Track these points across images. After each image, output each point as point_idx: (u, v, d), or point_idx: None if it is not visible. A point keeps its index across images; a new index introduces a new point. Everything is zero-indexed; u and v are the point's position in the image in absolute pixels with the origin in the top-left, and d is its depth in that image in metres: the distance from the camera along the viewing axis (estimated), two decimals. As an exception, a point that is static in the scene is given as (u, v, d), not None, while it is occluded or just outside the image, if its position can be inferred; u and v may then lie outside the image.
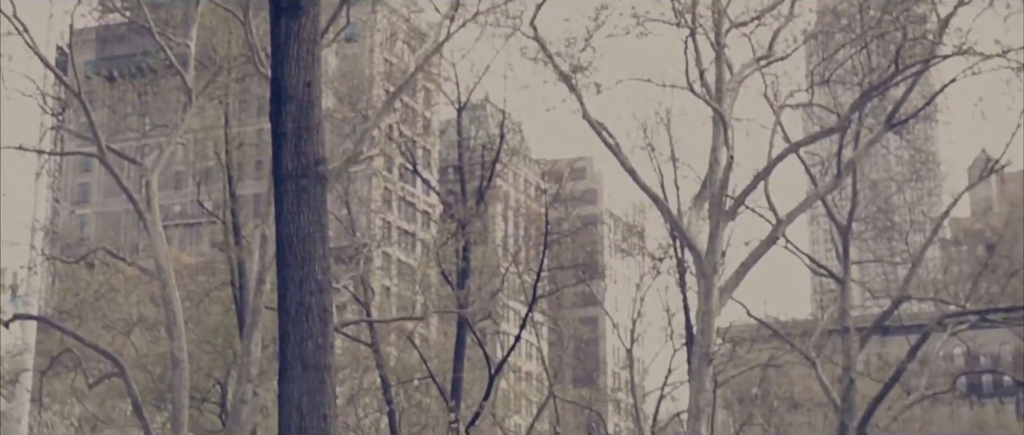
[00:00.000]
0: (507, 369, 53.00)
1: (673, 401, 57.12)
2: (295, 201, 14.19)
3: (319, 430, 16.72)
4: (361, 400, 48.26)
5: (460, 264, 40.91)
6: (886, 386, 41.08)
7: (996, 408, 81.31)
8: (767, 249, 32.89)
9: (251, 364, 30.94)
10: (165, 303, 31.66)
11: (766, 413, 57.24)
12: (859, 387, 41.58)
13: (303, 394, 16.56)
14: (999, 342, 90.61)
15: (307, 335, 15.15)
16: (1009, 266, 43.14)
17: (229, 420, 33.29)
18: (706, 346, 32.24)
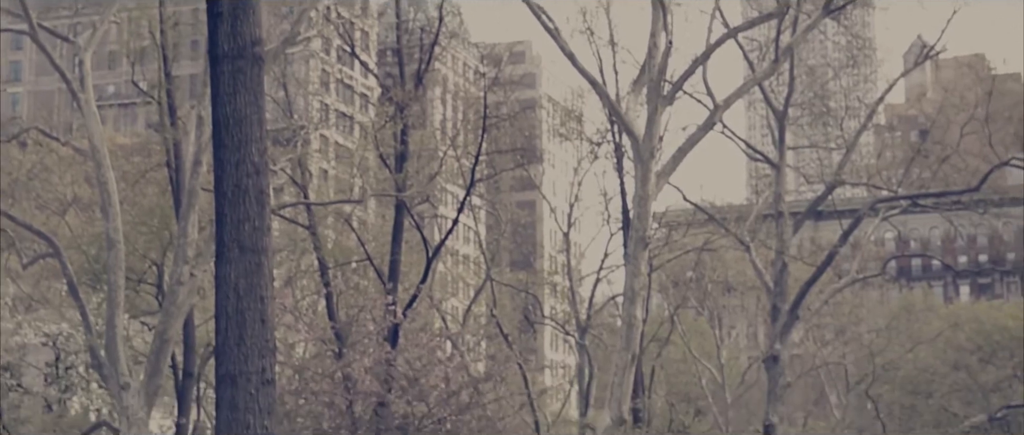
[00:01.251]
0: (444, 252, 53.24)
1: (609, 284, 57.82)
2: (231, 82, 14.08)
3: (256, 311, 16.77)
4: (298, 282, 48.32)
5: (398, 147, 40.78)
6: (818, 269, 41.76)
7: (924, 291, 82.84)
8: (704, 134, 33.07)
9: (187, 245, 30.87)
10: (100, 184, 31.42)
11: (700, 296, 58.05)
12: (792, 270, 42.26)
13: (240, 276, 16.57)
14: (929, 227, 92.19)
15: (244, 217, 15.13)
16: (941, 152, 43.71)
17: (165, 301, 33.28)
18: (642, 230, 32.52)
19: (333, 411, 36.42)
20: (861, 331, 59.79)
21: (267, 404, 16.72)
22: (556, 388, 72.10)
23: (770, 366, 41.57)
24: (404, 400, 37.29)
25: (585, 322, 53.85)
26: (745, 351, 71.23)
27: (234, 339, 16.74)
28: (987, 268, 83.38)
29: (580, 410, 56.83)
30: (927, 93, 78.69)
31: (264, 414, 16.62)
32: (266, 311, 17.01)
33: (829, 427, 58.11)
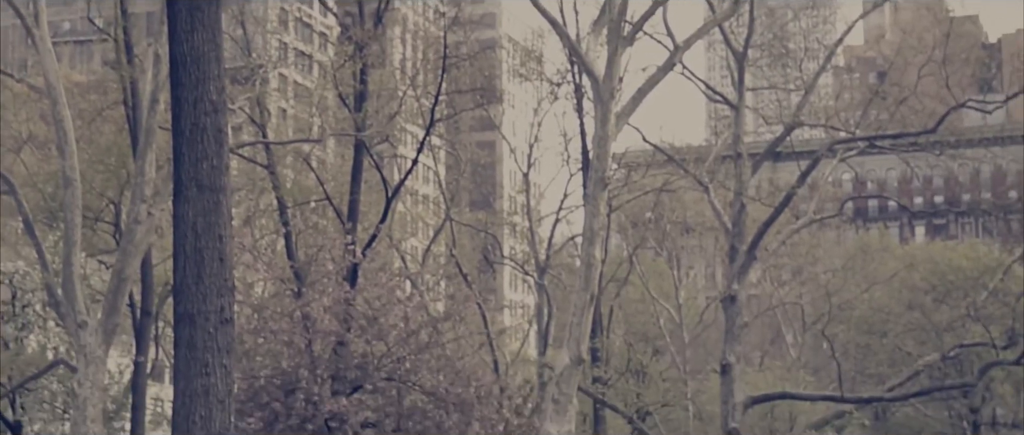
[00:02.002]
0: (404, 192, 53.18)
1: (568, 225, 57.95)
2: (189, 20, 13.98)
3: (214, 250, 16.75)
4: (257, 221, 48.21)
5: (357, 87, 40.58)
6: (776, 210, 42.04)
7: (880, 232, 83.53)
8: (664, 75, 33.13)
9: (145, 184, 30.71)
10: (56, 121, 31.15)
11: (659, 236, 58.32)
12: (750, 211, 42.51)
13: (198, 215, 16.52)
14: (886, 168, 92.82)
15: (202, 156, 15.08)
16: (899, 94, 43.93)
17: (123, 239, 33.15)
18: (601, 171, 32.62)
19: (292, 350, 36.46)
20: (818, 271, 60.31)
21: (226, 343, 16.75)
22: (515, 327, 72.47)
23: (727, 306, 41.90)
24: (363, 339, 37.38)
25: (544, 262, 54.05)
26: (703, 291, 71.74)
27: (192, 278, 16.73)
28: (942, 209, 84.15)
29: (539, 349, 57.15)
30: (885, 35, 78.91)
31: (223, 353, 16.64)
32: (224, 250, 16.98)
33: (785, 366, 58.68)
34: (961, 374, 50.04)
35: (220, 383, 16.57)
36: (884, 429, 60.61)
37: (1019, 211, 61.83)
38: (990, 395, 56.64)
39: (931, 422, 59.84)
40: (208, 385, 16.57)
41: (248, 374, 36.04)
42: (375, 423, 37.71)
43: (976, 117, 56.53)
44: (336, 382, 36.95)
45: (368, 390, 36.99)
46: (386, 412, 37.67)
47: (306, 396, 35.66)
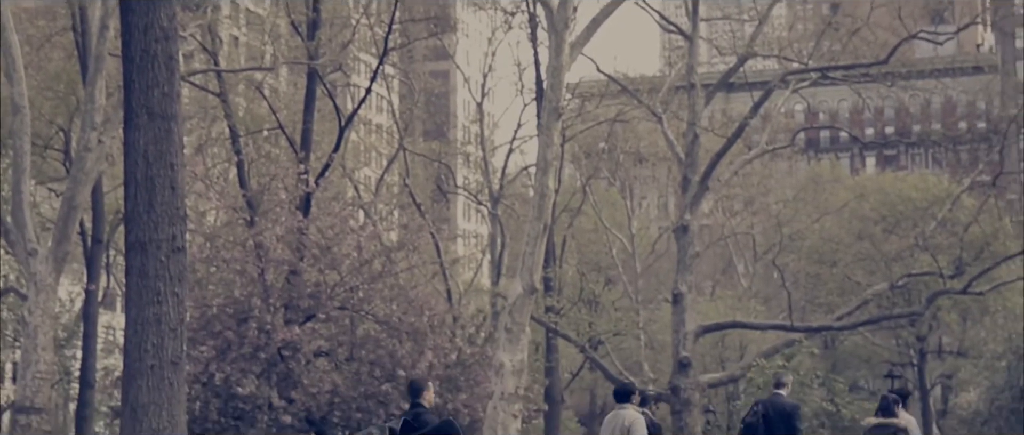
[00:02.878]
0: (357, 121, 52.98)
1: (522, 155, 58.11)
2: (138, -56, 13.81)
3: (166, 178, 16.66)
4: (209, 150, 47.92)
5: (310, 15, 40.22)
6: (728, 141, 42.22)
7: (832, 163, 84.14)
8: (618, 5, 33.07)
9: (95, 111, 30.45)
10: (3, 48, 30.77)
11: (612, 166, 58.47)
12: (703, 142, 42.67)
13: (149, 142, 16.42)
14: (838, 99, 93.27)
15: (153, 83, 14.96)
16: (851, 25, 44.07)
17: (73, 167, 32.90)
18: (555, 101, 32.61)
19: (245, 279, 36.41)
20: (769, 202, 60.72)
21: (178, 271, 16.71)
22: (468, 257, 72.63)
23: (680, 236, 42.15)
24: (316, 268, 37.37)
25: (498, 192, 54.11)
26: (655, 221, 72.08)
27: (144, 206, 16.65)
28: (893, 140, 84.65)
29: (492, 279, 57.36)
30: (840, -34, 78.97)
31: (175, 281, 16.61)
32: (176, 178, 16.89)
33: (736, 296, 59.19)
34: (909, 303, 50.63)
35: (172, 311, 16.55)
36: (833, 357, 61.37)
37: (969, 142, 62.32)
38: (937, 324, 57.39)
39: (879, 350, 60.64)
40: (160, 313, 16.55)
41: (200, 303, 35.98)
42: (328, 352, 37.82)
43: (927, 48, 56.81)
44: (289, 311, 36.97)
45: (321, 319, 37.03)
46: (339, 341, 37.77)
47: (259, 325, 35.68)
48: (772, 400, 16.27)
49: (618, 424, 14.79)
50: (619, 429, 14.73)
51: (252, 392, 35.82)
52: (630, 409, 14.97)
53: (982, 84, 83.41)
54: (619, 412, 14.96)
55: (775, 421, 15.86)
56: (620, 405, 15.08)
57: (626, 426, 14.70)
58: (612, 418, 15.03)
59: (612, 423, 14.94)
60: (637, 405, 15.34)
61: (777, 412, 15.87)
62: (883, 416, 15.65)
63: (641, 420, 14.93)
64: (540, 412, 47.29)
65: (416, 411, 13.23)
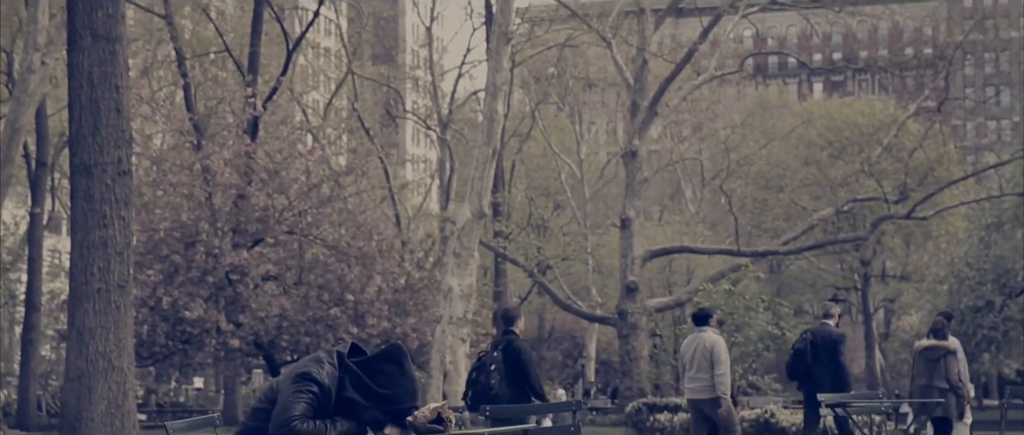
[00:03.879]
0: (305, 45, 52.52)
1: (471, 79, 58.02)
2: None
3: (111, 100, 16.51)
4: (155, 73, 47.42)
5: (257, -65, 39.79)
6: (677, 66, 42.26)
7: (779, 88, 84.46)
8: (567, -72, 32.87)
9: (38, 32, 30.03)
10: (-57, -32, 30.22)
11: (561, 92, 58.41)
12: (652, 67, 42.70)
13: (94, 64, 16.26)
14: (786, 25, 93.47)
15: (97, 4, 14.80)
16: (800, -49, 44.08)
17: (16, 89, 32.48)
18: (505, 25, 32.48)
19: (192, 203, 36.24)
20: (717, 127, 60.95)
21: (124, 194, 16.62)
22: (417, 182, 72.57)
23: (628, 161, 42.29)
24: (264, 192, 37.23)
25: (447, 117, 53.97)
26: (604, 146, 72.20)
27: (89, 129, 16.52)
28: (840, 66, 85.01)
29: (441, 204, 57.38)
30: None
31: (121, 204, 16.52)
32: (121, 101, 16.74)
33: (684, 221, 59.53)
34: (854, 228, 51.13)
35: (118, 235, 16.49)
36: (778, 281, 62.00)
37: (915, 68, 62.73)
38: (881, 248, 58.05)
39: (824, 274, 61.31)
40: (106, 237, 16.47)
41: (147, 226, 35.80)
42: (276, 276, 37.80)
43: (876, -25, 56.98)
44: (237, 235, 36.87)
45: (269, 243, 36.98)
46: (287, 265, 37.75)
47: (206, 249, 35.58)
48: (819, 329, 16.86)
49: (700, 346, 15.13)
50: (701, 351, 15.05)
51: (200, 316, 35.79)
52: (709, 331, 15.33)
53: (929, 11, 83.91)
54: (700, 334, 15.27)
55: (821, 348, 16.43)
56: (699, 328, 15.43)
57: (708, 348, 15.03)
58: (692, 340, 15.36)
59: (693, 345, 15.26)
60: (715, 327, 15.76)
61: (824, 339, 16.45)
62: (936, 338, 16.26)
63: (722, 342, 15.36)
64: (488, 336, 47.56)
65: (509, 339, 13.88)
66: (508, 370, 13.42)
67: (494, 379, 13.39)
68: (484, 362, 13.70)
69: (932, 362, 16.04)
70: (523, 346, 13.77)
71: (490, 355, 13.69)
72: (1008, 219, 42.41)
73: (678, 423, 28.51)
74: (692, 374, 15.16)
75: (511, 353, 13.53)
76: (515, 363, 13.42)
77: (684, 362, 15.44)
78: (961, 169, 51.35)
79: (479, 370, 13.70)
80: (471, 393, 13.60)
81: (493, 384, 13.36)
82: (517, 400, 13.29)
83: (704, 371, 15.01)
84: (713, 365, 14.92)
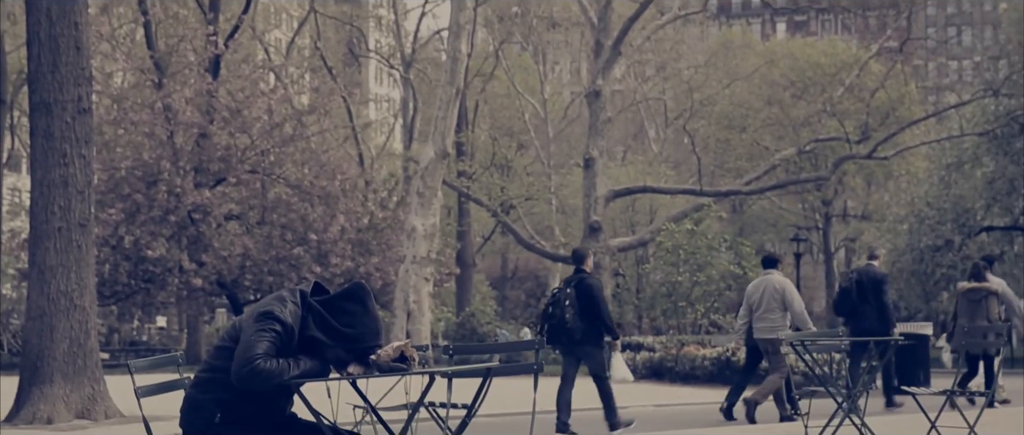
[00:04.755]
0: (267, -18, 52.04)
1: (434, 18, 57.73)
2: None
3: (70, 38, 16.36)
4: (115, 10, 46.89)
5: None
6: (641, 6, 42.17)
7: (743, 28, 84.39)
8: None
9: (-5, -30, 29.63)
10: None
11: (525, 31, 58.19)
12: (615, 6, 42.58)
13: (53, 1, 16.07)
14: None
15: (54, -61, 14.62)
16: None
17: (-26, 28, 32.08)
18: (467, -38, 32.26)
19: (153, 141, 36.04)
20: (681, 67, 60.93)
21: (84, 133, 16.51)
22: (380, 121, 72.34)
23: (592, 101, 42.28)
24: (226, 131, 37.04)
25: (410, 56, 53.73)
26: (568, 86, 72.12)
27: (48, 66, 16.37)
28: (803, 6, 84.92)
29: (404, 143, 57.25)
30: None
31: (81, 143, 16.42)
32: (81, 38, 16.59)
33: (647, 161, 59.66)
34: (816, 168, 51.37)
35: (79, 173, 16.40)
36: (740, 221, 62.33)
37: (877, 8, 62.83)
38: (842, 188, 58.39)
39: (785, 214, 61.66)
40: (67, 175, 16.38)
41: (108, 165, 35.58)
42: (239, 215, 37.71)
43: (840, -86, 56.91)
44: (199, 174, 36.70)
45: (232, 183, 36.84)
46: (250, 205, 37.65)
47: (168, 188, 35.42)
48: (865, 269, 17.84)
49: (768, 288, 15.71)
50: (769, 293, 15.65)
51: (162, 255, 35.69)
52: (777, 274, 15.93)
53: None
54: (768, 277, 15.87)
55: (867, 287, 17.34)
56: (767, 271, 16.04)
57: (778, 290, 15.63)
58: (760, 283, 15.91)
59: (761, 288, 15.83)
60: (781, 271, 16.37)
61: (869, 279, 17.38)
62: (975, 281, 17.41)
63: (791, 284, 16.00)
64: (452, 275, 47.65)
65: (580, 276, 14.49)
66: (581, 305, 14.14)
67: (568, 313, 14.13)
68: (558, 298, 14.38)
69: (974, 303, 17.28)
70: (594, 283, 14.49)
71: (563, 291, 14.37)
72: (968, 159, 42.72)
73: (640, 362, 28.70)
74: (759, 314, 15.73)
75: (583, 289, 14.23)
76: (587, 299, 14.16)
77: (751, 303, 15.98)
78: (922, 109, 51.58)
79: (554, 305, 14.38)
80: (547, 327, 14.33)
81: (567, 318, 14.12)
82: (589, 333, 14.18)
83: (772, 312, 15.64)
84: (785, 306, 15.58)
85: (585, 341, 14.24)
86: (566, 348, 14.60)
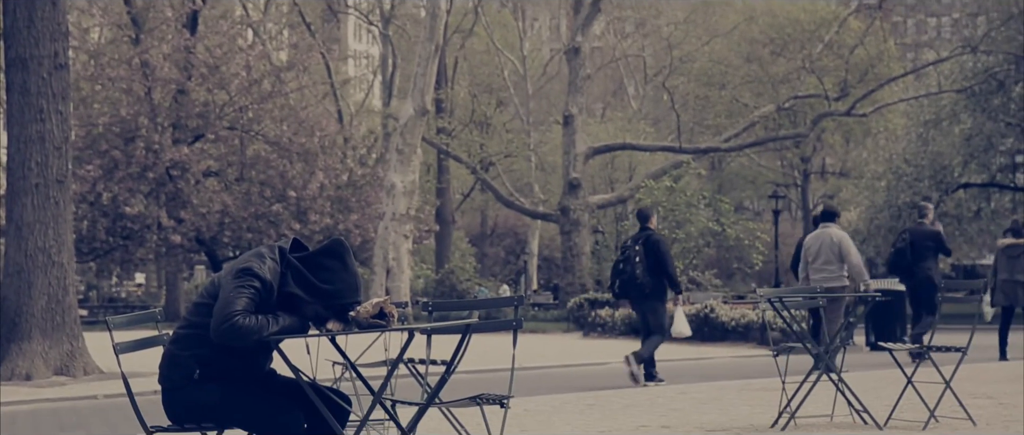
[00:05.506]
0: (244, -63, 51.66)
1: (413, -27, 57.04)
2: None
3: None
4: (91, -35, 46.55)
5: None
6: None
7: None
8: None
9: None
10: None
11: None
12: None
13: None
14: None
15: None
16: None
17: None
18: (446, -83, 32.07)
19: (131, 97, 35.89)
20: (660, 24, 60.78)
21: (61, 88, 16.44)
22: (359, 78, 72.05)
23: (571, 58, 42.19)
24: (204, 88, 36.90)
25: (389, 12, 53.48)
26: (547, 43, 71.92)
27: (23, 21, 16.27)
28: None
29: (383, 100, 57.07)
30: None
31: (58, 99, 16.35)
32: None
33: (626, 117, 59.60)
34: (794, 125, 51.43)
35: (56, 129, 16.33)
36: (719, 178, 62.41)
37: (857, -34, 62.83)
38: (821, 145, 58.47)
39: (764, 171, 61.76)
40: (44, 131, 16.31)
41: (86, 121, 35.44)
42: (217, 172, 37.61)
43: None
44: (177, 131, 36.58)
45: (210, 139, 36.73)
46: (228, 161, 37.55)
47: (146, 144, 35.30)
48: (916, 228, 18.19)
49: (826, 241, 16.15)
50: (827, 245, 16.09)
51: (140, 212, 35.61)
52: (834, 227, 16.36)
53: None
54: (825, 230, 16.26)
55: (919, 244, 17.82)
56: (825, 224, 16.43)
57: (836, 242, 16.07)
58: (818, 235, 16.33)
59: (819, 240, 16.27)
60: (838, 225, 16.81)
61: (921, 236, 17.80)
62: (1014, 237, 18.02)
63: (848, 237, 16.43)
64: (431, 232, 47.66)
65: (647, 234, 15.22)
66: (649, 261, 14.90)
67: (638, 269, 14.87)
68: (628, 255, 15.11)
69: (1013, 258, 17.91)
70: (661, 239, 15.33)
71: (632, 248, 15.14)
72: (946, 116, 42.83)
73: (619, 318, 28.79)
74: (818, 266, 16.17)
75: (650, 246, 15.00)
76: (654, 255, 14.93)
77: (807, 255, 16.43)
78: (901, 66, 51.60)
79: (625, 262, 15.08)
80: (619, 282, 15.10)
81: (638, 273, 14.86)
82: (657, 287, 14.94)
83: (831, 263, 16.08)
84: (842, 258, 16.01)
85: (652, 295, 14.89)
86: (636, 302, 15.28)
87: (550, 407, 11.36)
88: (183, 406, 5.37)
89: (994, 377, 14.02)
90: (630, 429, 9.39)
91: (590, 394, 12.91)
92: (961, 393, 10.41)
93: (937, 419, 9.39)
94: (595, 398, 12.30)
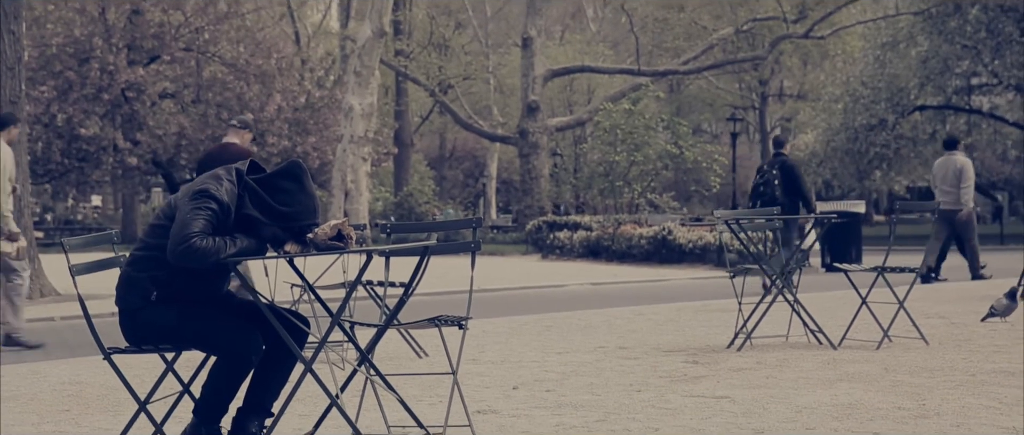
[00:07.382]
0: None
1: None
2: None
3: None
4: None
5: None
6: None
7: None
8: None
9: None
10: None
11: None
12: None
13: None
14: None
15: None
16: None
17: None
18: None
19: (85, 17, 35.45)
20: (620, -55, 60.40)
21: (13, 8, 16.21)
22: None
23: (530, -22, 41.93)
24: (159, 8, 36.50)
25: (346, -69, 52.93)
26: (506, -36, 71.39)
27: (-27, -60, 15.99)
28: None
29: (341, 22, 56.62)
30: None
31: (10, 18, 16.13)
32: (7, -89, 16.22)
33: (585, 40, 59.41)
34: (752, 47, 51.40)
35: (8, 50, 16.13)
36: (678, 101, 62.44)
37: None
38: (779, 67, 58.55)
39: (722, 94, 61.85)
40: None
41: (39, 42, 35.00)
42: (173, 94, 37.30)
43: None
44: (132, 52, 36.21)
45: (166, 61, 36.39)
46: (185, 83, 37.23)
47: (101, 65, 34.94)
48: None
49: (951, 166, 17.49)
50: (952, 171, 17.41)
51: (96, 133, 35.32)
52: (959, 154, 17.67)
53: None
54: (950, 157, 17.63)
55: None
56: (949, 151, 17.76)
57: (958, 167, 17.42)
58: (944, 162, 17.65)
59: (945, 167, 17.60)
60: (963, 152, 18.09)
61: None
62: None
63: (969, 163, 17.75)
64: (389, 155, 47.55)
65: (781, 158, 17.54)
66: (785, 183, 17.21)
67: (777, 191, 17.13)
68: (767, 178, 17.35)
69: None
70: (794, 163, 17.66)
71: (769, 172, 17.41)
72: (903, 38, 42.94)
73: (577, 241, 28.90)
74: (943, 188, 17.49)
75: (785, 169, 17.38)
76: (789, 177, 17.30)
77: (936, 179, 17.74)
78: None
79: (764, 184, 17.32)
80: (759, 203, 17.05)
81: (777, 195, 17.03)
82: (790, 205, 17.01)
83: (954, 187, 17.40)
84: (960, 181, 17.34)
85: (787, 213, 16.11)
86: None
87: (508, 329, 11.42)
88: (140, 328, 5.36)
89: (947, 297, 14.20)
90: (587, 350, 9.46)
91: (548, 316, 12.99)
92: (915, 313, 10.55)
93: (891, 339, 9.51)
94: (552, 320, 12.37)
